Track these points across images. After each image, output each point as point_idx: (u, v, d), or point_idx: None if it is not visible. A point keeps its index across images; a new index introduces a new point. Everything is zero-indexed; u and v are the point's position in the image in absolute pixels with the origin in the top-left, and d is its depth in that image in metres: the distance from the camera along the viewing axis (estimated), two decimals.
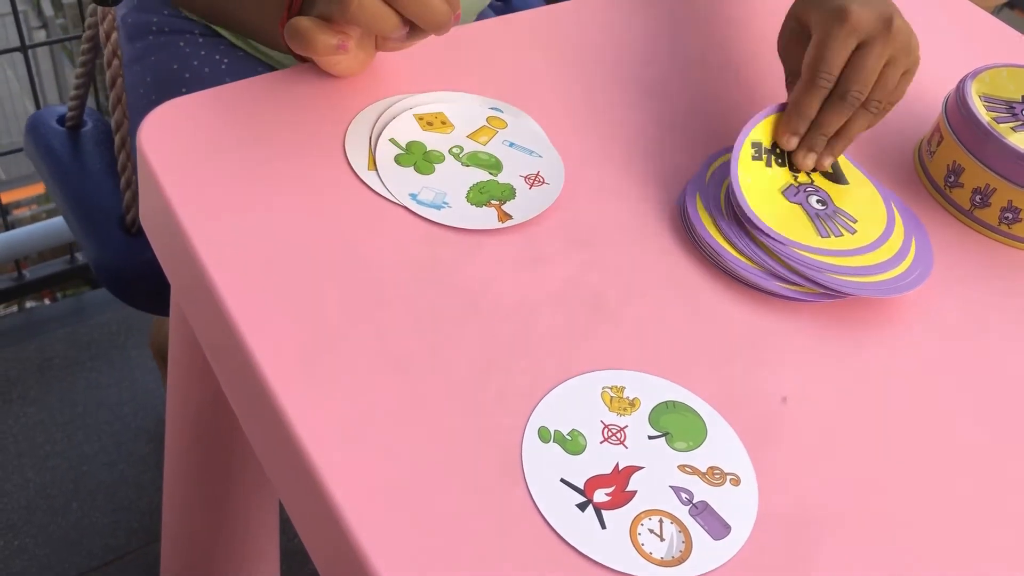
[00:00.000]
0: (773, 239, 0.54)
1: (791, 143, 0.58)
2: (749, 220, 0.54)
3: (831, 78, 0.57)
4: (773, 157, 0.58)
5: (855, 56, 0.57)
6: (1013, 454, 0.49)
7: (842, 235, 0.56)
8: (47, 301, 1.76)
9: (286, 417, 0.43)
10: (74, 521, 1.22)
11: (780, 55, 0.63)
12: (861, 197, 0.59)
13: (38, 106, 1.41)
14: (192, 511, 0.81)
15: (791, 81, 0.62)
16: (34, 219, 1.51)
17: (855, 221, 0.57)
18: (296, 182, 0.54)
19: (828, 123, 0.58)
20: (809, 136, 0.58)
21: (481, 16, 0.93)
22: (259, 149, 0.55)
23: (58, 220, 1.47)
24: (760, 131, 0.58)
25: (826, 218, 0.56)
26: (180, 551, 0.87)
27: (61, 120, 0.95)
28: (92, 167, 0.92)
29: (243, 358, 0.45)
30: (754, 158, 0.57)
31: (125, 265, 0.86)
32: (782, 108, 0.59)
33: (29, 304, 1.71)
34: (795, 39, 0.61)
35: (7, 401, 1.34)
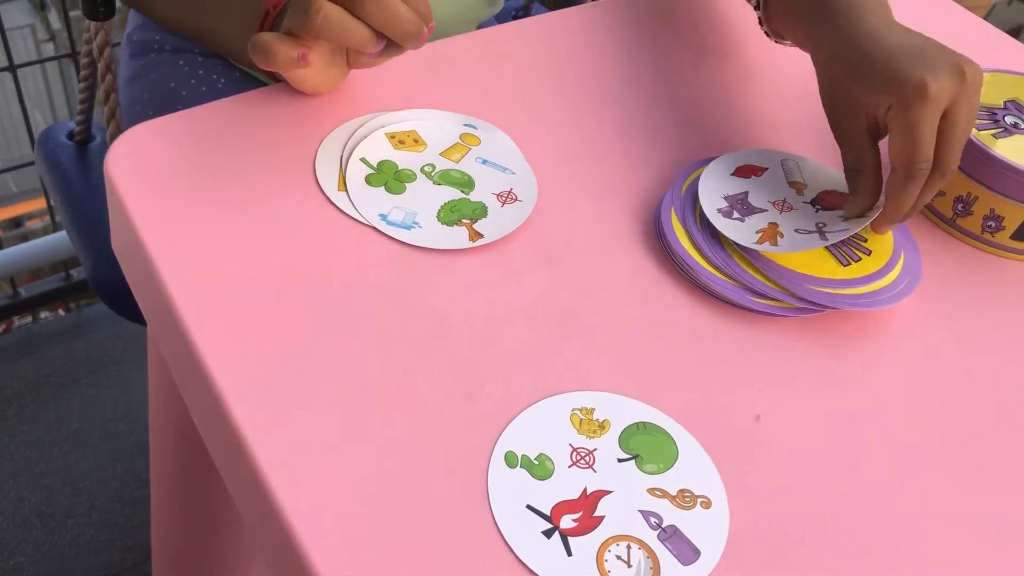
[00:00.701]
0: (790, 279, 0.53)
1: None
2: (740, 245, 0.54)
3: (929, 164, 0.52)
4: None
5: (943, 131, 0.52)
6: (996, 470, 0.48)
7: (860, 259, 0.55)
8: (61, 312, 1.75)
9: (246, 443, 0.42)
10: (69, 539, 1.22)
11: (836, 134, 0.57)
12: None
13: (27, 121, 1.42)
14: (179, 529, 0.81)
15: (855, 166, 0.56)
16: (45, 231, 1.51)
17: (865, 241, 0.56)
18: (265, 204, 0.53)
19: (922, 199, 0.54)
20: (893, 213, 0.54)
21: (483, 26, 0.92)
22: (229, 171, 0.55)
23: (51, 238, 1.47)
24: None
25: (840, 243, 0.55)
26: (170, 570, 0.86)
27: (71, 135, 0.95)
28: (96, 182, 0.92)
29: (206, 385, 0.45)
30: None
31: (121, 279, 0.86)
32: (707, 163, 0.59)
33: (43, 315, 1.70)
34: (850, 113, 0.55)
35: (3, 419, 1.34)
